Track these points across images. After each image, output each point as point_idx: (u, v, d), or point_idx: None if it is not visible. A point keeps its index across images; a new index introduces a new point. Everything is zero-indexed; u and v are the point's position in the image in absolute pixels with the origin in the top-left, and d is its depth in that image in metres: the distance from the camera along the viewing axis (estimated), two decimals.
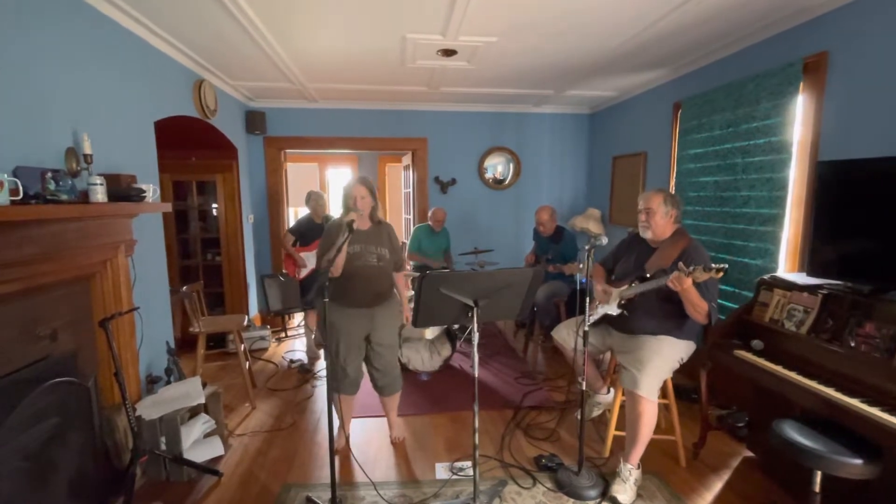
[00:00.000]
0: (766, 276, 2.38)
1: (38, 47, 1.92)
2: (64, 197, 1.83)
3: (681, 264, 2.01)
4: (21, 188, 1.61)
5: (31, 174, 1.74)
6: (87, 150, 2.04)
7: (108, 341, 2.03)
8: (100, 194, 2.01)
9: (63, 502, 1.80)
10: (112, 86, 2.44)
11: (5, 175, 1.52)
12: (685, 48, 3.20)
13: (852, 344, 1.82)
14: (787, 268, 2.74)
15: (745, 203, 2.92)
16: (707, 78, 3.37)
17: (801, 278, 2.23)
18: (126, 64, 2.58)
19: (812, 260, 2.18)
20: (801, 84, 2.55)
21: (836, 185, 2.08)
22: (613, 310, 2.40)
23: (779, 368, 1.96)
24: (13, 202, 1.56)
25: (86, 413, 1.93)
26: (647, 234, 2.37)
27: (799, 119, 2.61)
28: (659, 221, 2.32)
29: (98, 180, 2.01)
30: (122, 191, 2.21)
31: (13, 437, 1.59)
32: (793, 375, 1.89)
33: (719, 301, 2.98)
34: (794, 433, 1.74)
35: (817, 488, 1.73)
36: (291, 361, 4.00)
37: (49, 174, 1.80)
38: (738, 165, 2.98)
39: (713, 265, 1.91)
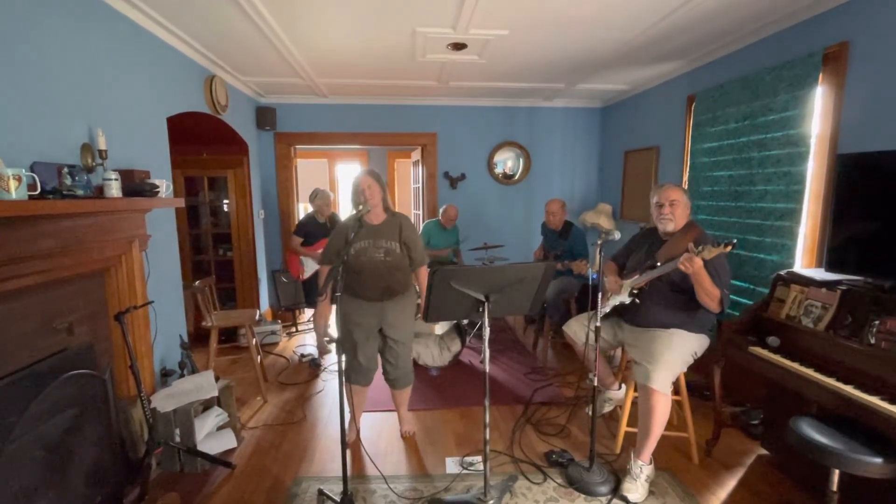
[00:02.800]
0: (782, 272, 2.34)
1: (53, 44, 1.94)
2: (80, 192, 1.85)
3: (690, 245, 2.01)
4: (38, 183, 1.63)
5: (47, 169, 1.76)
6: (102, 145, 2.06)
7: (124, 335, 2.06)
8: (114, 189, 2.04)
9: (80, 491, 1.83)
10: (126, 82, 2.46)
11: (23, 170, 1.54)
12: (700, 40, 3.14)
13: (872, 341, 1.78)
14: (804, 263, 2.69)
15: (761, 197, 2.87)
16: (722, 70, 3.31)
17: (819, 274, 2.19)
18: (139, 60, 2.60)
19: (830, 255, 2.13)
20: (821, 75, 2.49)
21: (856, 179, 2.03)
22: (625, 298, 2.39)
23: (795, 365, 1.93)
24: (31, 197, 1.58)
25: (102, 405, 1.96)
26: (670, 227, 2.33)
27: (818, 111, 2.55)
28: (682, 213, 2.32)
29: (113, 175, 2.04)
30: (136, 186, 2.23)
31: (33, 428, 1.62)
32: (810, 372, 1.86)
33: (733, 297, 2.95)
34: (812, 431, 1.72)
35: (835, 487, 1.71)
36: (302, 356, 4.03)
37: (65, 169, 1.82)
38: (754, 159, 2.92)
39: (721, 241, 1.93)
